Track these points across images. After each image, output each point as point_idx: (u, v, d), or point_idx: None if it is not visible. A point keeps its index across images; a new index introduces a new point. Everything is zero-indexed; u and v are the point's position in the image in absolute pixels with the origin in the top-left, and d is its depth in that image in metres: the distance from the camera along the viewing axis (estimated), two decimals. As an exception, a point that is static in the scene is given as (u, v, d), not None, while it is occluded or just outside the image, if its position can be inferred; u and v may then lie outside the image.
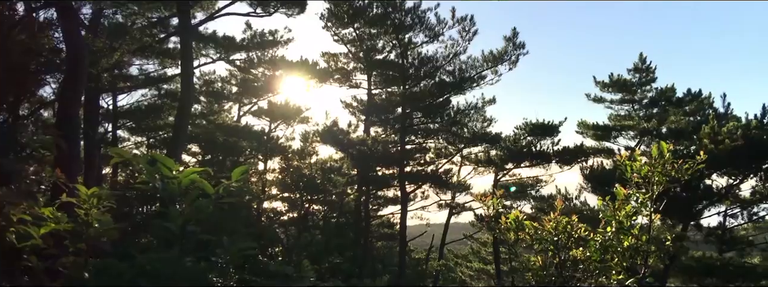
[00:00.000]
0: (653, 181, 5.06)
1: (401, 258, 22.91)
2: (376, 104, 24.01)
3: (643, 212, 5.03)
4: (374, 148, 22.49)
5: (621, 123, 23.19)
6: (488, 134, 24.19)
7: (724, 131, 17.38)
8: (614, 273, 4.95)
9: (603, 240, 4.97)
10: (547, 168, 24.86)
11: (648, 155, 5.26)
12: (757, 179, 18.68)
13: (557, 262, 5.17)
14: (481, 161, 25.47)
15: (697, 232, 20.24)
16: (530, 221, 5.34)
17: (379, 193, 27.95)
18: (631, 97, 22.89)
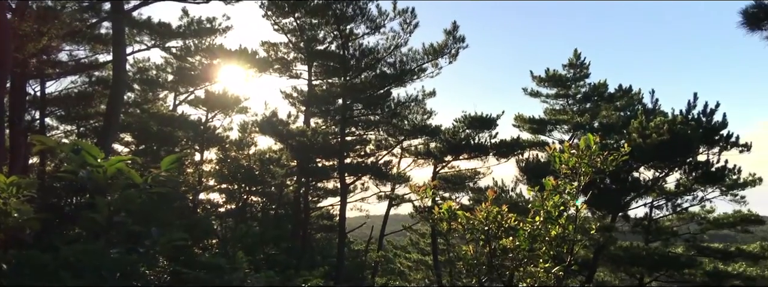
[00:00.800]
0: (580, 172, 5.25)
1: (340, 249, 22.93)
2: (317, 95, 23.86)
3: (571, 202, 5.20)
4: (314, 139, 22.37)
5: (556, 117, 23.83)
6: (428, 126, 24.43)
7: (651, 125, 18.09)
8: (541, 261, 5.12)
9: (531, 229, 5.13)
10: (484, 161, 25.33)
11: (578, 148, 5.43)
12: (681, 172, 19.54)
13: (488, 251, 5.29)
14: (421, 153, 25.72)
15: (624, 223, 21.01)
16: (463, 211, 5.45)
17: (319, 185, 27.89)
18: (565, 92, 23.57)
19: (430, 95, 23.48)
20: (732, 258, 22.08)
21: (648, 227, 21.26)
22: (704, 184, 19.66)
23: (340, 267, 22.52)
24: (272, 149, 25.79)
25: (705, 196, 20.72)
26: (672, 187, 20.30)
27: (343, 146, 23.08)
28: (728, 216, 21.63)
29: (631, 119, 19.59)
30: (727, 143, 18.29)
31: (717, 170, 18.45)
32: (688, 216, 22.36)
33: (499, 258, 5.26)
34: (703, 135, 17.90)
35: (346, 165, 23.70)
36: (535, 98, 24.39)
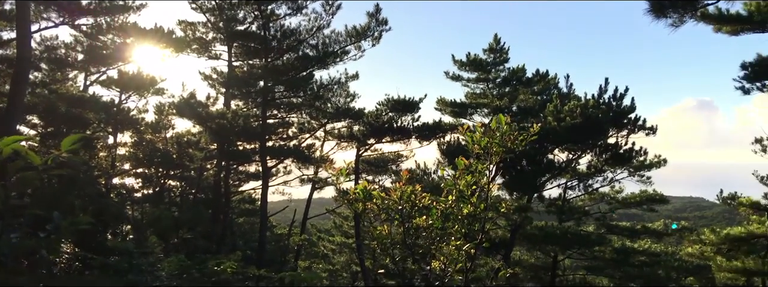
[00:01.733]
0: (492, 151, 5.33)
1: (262, 233, 22.65)
2: (237, 77, 23.28)
3: (482, 181, 5.28)
4: (235, 122, 21.89)
5: (476, 101, 24.26)
6: (351, 109, 24.36)
7: (565, 109, 18.74)
8: (454, 239, 5.19)
9: (444, 208, 5.18)
10: (407, 143, 25.53)
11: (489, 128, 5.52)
12: (592, 154, 20.38)
13: (402, 230, 5.32)
14: (344, 136, 25.66)
15: (540, 203, 21.76)
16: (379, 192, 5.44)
17: (240, 168, 27.41)
18: (485, 76, 23.99)
19: (353, 77, 23.40)
20: (638, 235, 23.32)
21: (562, 207, 22.08)
22: (614, 165, 20.58)
23: (262, 250, 22.28)
24: (191, 132, 25.09)
25: (614, 177, 21.70)
26: (584, 168, 21.13)
27: (264, 129, 22.70)
28: (635, 196, 22.73)
29: (547, 102, 20.20)
30: (634, 126, 19.17)
31: (625, 152, 19.33)
32: (598, 196, 23.35)
33: (412, 237, 5.30)
34: (613, 118, 18.70)
35: (267, 148, 23.36)
36: (456, 81, 24.74)
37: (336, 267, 32.53)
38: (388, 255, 5.41)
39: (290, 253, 28.76)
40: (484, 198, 5.29)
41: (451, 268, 5.36)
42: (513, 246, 21.22)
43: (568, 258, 25.14)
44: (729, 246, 19.62)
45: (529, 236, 20.88)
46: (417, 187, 5.25)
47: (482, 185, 5.32)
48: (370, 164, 26.67)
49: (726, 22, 12.37)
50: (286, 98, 23.96)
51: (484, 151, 5.41)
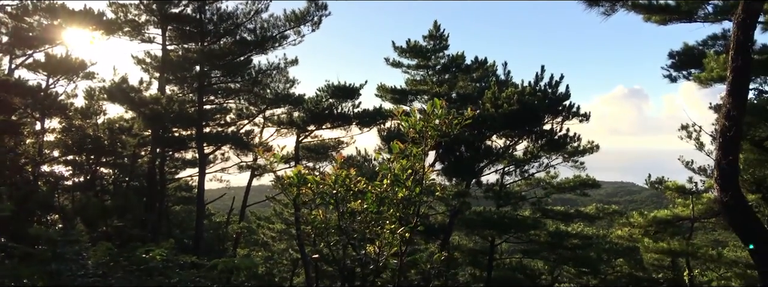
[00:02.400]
0: (427, 135, 5.34)
1: (199, 221, 22.22)
2: (172, 61, 22.60)
3: (417, 165, 5.29)
4: (169, 107, 21.27)
5: (416, 87, 24.36)
6: (291, 95, 24.03)
7: (503, 96, 19.06)
8: (388, 223, 5.19)
9: (379, 192, 5.17)
10: (348, 130, 25.41)
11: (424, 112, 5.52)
12: (529, 141, 20.85)
13: (337, 215, 5.28)
14: (284, 123, 25.34)
15: (478, 189, 22.13)
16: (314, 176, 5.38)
17: (176, 155, 26.74)
18: (425, 63, 24.11)
19: (292, 63, 23.09)
20: (572, 219, 24.06)
21: (499, 192, 22.54)
22: (549, 151, 21.11)
23: (199, 239, 21.87)
24: (123, 117, 24.26)
25: (550, 162, 22.27)
26: (521, 154, 21.60)
27: (201, 115, 22.19)
28: (569, 181, 23.41)
29: (485, 89, 20.49)
30: (569, 113, 19.68)
31: (560, 138, 19.84)
32: (534, 181, 23.94)
33: (347, 221, 5.27)
34: (549, 105, 19.15)
35: (204, 135, 22.85)
36: (396, 68, 24.79)
37: (276, 255, 32.28)
38: (322, 240, 5.36)
39: (229, 241, 28.33)
40: (419, 182, 5.30)
41: (386, 252, 5.37)
42: (452, 231, 21.52)
43: (505, 242, 25.70)
44: (656, 229, 20.44)
45: (468, 221, 21.23)
46: (351, 171, 5.21)
47: (417, 169, 5.32)
48: (310, 151, 26.47)
49: (655, 11, 12.77)
50: (224, 83, 23.46)
51: (419, 135, 5.42)
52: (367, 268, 5.14)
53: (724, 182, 10.01)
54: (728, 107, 9.78)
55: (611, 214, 24.25)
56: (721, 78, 11.49)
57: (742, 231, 10.28)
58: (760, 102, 15.12)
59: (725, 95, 10.03)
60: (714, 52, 14.13)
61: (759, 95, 15.28)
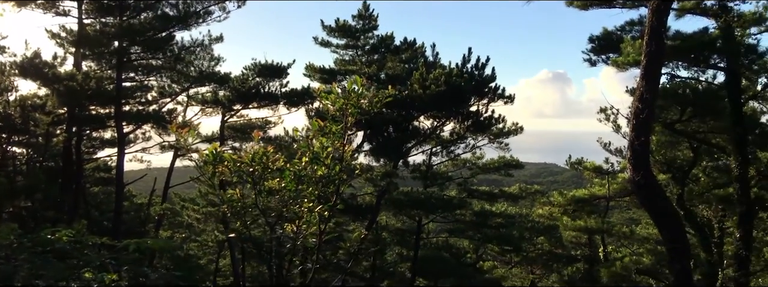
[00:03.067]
0: (347, 113, 5.27)
1: (118, 202, 21.42)
2: (89, 36, 21.44)
3: (337, 143, 5.22)
4: (86, 84, 20.24)
5: (345, 67, 24.15)
6: (216, 73, 23.37)
7: (431, 77, 19.17)
8: (306, 201, 5.12)
9: (297, 170, 5.07)
10: (275, 110, 25.06)
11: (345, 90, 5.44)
12: (456, 122, 21.12)
13: (254, 193, 5.16)
14: (208, 102, 24.69)
15: (405, 169, 22.31)
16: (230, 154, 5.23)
17: (94, 134, 25.62)
18: (354, 42, 23.90)
19: (217, 40, 22.39)
20: (496, 198, 24.67)
21: (426, 173, 22.81)
22: (475, 132, 21.46)
23: (118, 221, 21.13)
24: (37, 94, 22.96)
25: (476, 144, 22.67)
26: (448, 135, 21.88)
27: (119, 93, 21.24)
28: (494, 162, 23.95)
29: (414, 71, 20.55)
30: (494, 95, 20.02)
31: (485, 119, 20.19)
32: (461, 162, 24.36)
33: (264, 200, 5.16)
34: (475, 87, 19.41)
35: (124, 113, 21.94)
36: (325, 47, 24.44)
37: (202, 237, 31.70)
38: (239, 218, 5.24)
39: (151, 223, 27.51)
40: (339, 160, 5.24)
41: (305, 231, 5.30)
42: (379, 212, 21.66)
43: (431, 222, 26.13)
44: (574, 207, 21.28)
45: (395, 201, 21.40)
46: (269, 149, 5.09)
47: (337, 148, 5.26)
48: (236, 131, 25.91)
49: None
50: (144, 59, 22.51)
51: (340, 113, 5.35)
52: (284, 247, 5.06)
53: (636, 163, 10.44)
54: (642, 90, 10.17)
55: (533, 194, 25.05)
56: (637, 62, 11.92)
57: (652, 209, 10.79)
58: (673, 86, 15.85)
59: (639, 78, 10.41)
60: (631, 37, 14.66)
61: (671, 80, 16.00)
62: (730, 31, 14.19)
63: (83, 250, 5.61)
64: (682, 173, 18.52)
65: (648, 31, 9.95)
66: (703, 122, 17.19)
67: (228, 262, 30.64)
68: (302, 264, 5.35)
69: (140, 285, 6.15)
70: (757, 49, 14.50)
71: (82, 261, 5.24)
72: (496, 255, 30.22)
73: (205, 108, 25.49)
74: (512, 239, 23.59)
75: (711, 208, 19.51)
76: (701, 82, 16.20)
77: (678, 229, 10.71)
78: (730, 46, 14.02)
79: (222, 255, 29.58)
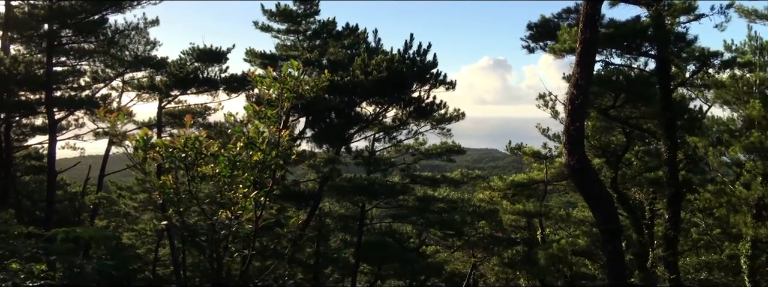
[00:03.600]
0: (283, 98, 5.21)
1: (50, 191, 20.63)
2: (17, 18, 20.43)
3: (273, 127, 5.15)
4: (14, 68, 19.33)
5: (287, 53, 23.81)
6: (152, 58, 22.70)
7: (373, 63, 19.13)
8: (241, 187, 5.04)
9: (232, 155, 4.99)
10: (215, 96, 24.53)
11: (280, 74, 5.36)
12: (398, 108, 21.19)
13: (187, 179, 5.05)
14: (145, 87, 23.97)
15: (348, 155, 22.30)
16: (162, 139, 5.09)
17: (24, 121, 24.53)
18: (296, 27, 23.57)
19: (153, 23, 21.71)
20: (438, 184, 24.96)
21: (369, 159, 22.85)
22: (417, 118, 21.60)
23: (50, 210, 20.38)
24: (-41, 79, 21.79)
25: (418, 129, 22.83)
26: (390, 121, 21.95)
27: (50, 78, 20.38)
28: (436, 148, 24.19)
29: (356, 56, 20.47)
30: (436, 81, 20.16)
31: (427, 105, 20.33)
32: (403, 148, 24.50)
33: (198, 186, 5.06)
34: (417, 73, 19.49)
35: (55, 99, 21.08)
36: (266, 32, 24.01)
37: (139, 225, 30.92)
38: (172, 205, 5.12)
39: (86, 212, 26.65)
40: (275, 145, 5.17)
41: (242, 217, 5.23)
42: (321, 198, 21.59)
43: (375, 208, 26.25)
44: (513, 192, 21.76)
45: (339, 187, 21.37)
46: (202, 133, 4.98)
47: (273, 132, 5.19)
48: (174, 117, 25.28)
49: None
50: (76, 43, 21.64)
51: (275, 97, 5.29)
52: (218, 234, 4.98)
53: (571, 147, 10.72)
54: (577, 76, 10.42)
55: (475, 179, 25.46)
56: (573, 49, 12.19)
57: (586, 192, 11.12)
58: (607, 73, 16.32)
59: (574, 65, 10.65)
60: (567, 25, 15.00)
61: (606, 67, 16.46)
62: (661, 20, 14.68)
63: (9, 240, 5.40)
64: (615, 157, 19.17)
65: (583, 19, 10.18)
66: (636, 107, 17.81)
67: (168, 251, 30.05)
68: (238, 252, 5.27)
69: (73, 276, 5.97)
70: (685, 37, 15.05)
71: (8, 252, 5.05)
72: (438, 239, 30.63)
73: (142, 94, 24.75)
74: (454, 223, 23.94)
75: (643, 191, 20.26)
76: (634, 69, 16.74)
77: (610, 211, 11.08)
78: (660, 34, 14.50)
79: (161, 244, 28.92)
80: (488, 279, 32.85)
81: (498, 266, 27.32)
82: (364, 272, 30.14)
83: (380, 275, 27.89)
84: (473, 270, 29.45)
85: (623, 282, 11.48)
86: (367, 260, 25.17)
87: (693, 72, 16.68)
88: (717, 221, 20.61)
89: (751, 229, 16.63)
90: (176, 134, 5.10)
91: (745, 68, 16.57)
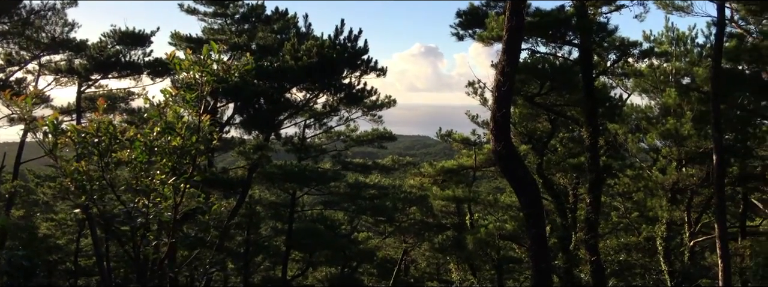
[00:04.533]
0: (203, 81, 5.05)
1: (-41, 181, 19.49)
2: None
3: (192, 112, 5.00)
4: None
5: (215, 36, 23.18)
6: (71, 40, 21.57)
7: (303, 48, 18.88)
8: (159, 173, 4.87)
9: (149, 140, 4.81)
10: (138, 80, 23.62)
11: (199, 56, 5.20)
12: (329, 94, 21.03)
13: (102, 165, 4.84)
14: (63, 71, 22.82)
15: (278, 142, 22.02)
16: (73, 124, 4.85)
17: (-72, 106, 22.99)
18: (223, 11, 22.94)
19: (70, 3, 20.66)
20: (370, 170, 25.05)
21: (299, 145, 22.65)
22: (348, 105, 21.51)
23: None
24: None
25: (349, 116, 22.76)
26: (321, 107, 21.78)
27: (-43, 59, 19.18)
28: (368, 134, 24.23)
29: (286, 41, 20.14)
30: (367, 68, 20.08)
31: (358, 91, 20.25)
32: (335, 135, 24.41)
33: (113, 173, 4.85)
34: (348, 59, 19.36)
35: (-37, 82, 19.85)
36: (192, 15, 23.26)
37: (59, 215, 29.67)
38: (84, 193, 4.90)
39: (0, 202, 25.29)
40: (195, 130, 5.02)
41: (161, 204, 5.06)
42: (250, 185, 21.27)
43: (306, 195, 26.11)
44: (443, 177, 22.07)
45: (268, 174, 21.10)
46: (117, 118, 4.78)
47: (193, 116, 5.03)
48: (95, 102, 24.24)
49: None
50: (-13, 23, 20.39)
51: (195, 80, 5.12)
52: (134, 222, 4.79)
53: (498, 133, 10.90)
54: (503, 64, 10.57)
55: (406, 165, 25.69)
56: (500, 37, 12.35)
57: (511, 178, 11.35)
58: (533, 61, 16.70)
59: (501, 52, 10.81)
60: (495, 13, 15.20)
61: (532, 55, 16.82)
62: (584, 10, 15.09)
63: None
64: (541, 143, 19.70)
65: (509, 7, 10.32)
66: (560, 95, 18.32)
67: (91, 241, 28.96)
68: (158, 240, 5.11)
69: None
70: (607, 27, 15.53)
71: None
72: (370, 225, 30.84)
73: (60, 78, 23.54)
74: (386, 209, 24.09)
75: (567, 176, 20.94)
76: (558, 57, 17.17)
77: (534, 196, 11.36)
78: (583, 23, 14.91)
79: (83, 234, 27.83)
80: (419, 264, 33.35)
81: (429, 251, 27.74)
82: (296, 259, 30.03)
83: (312, 262, 27.85)
84: (404, 255, 29.78)
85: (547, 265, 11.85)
86: (299, 247, 25.05)
87: (613, 61, 17.26)
88: (635, 204, 21.60)
89: (666, 212, 17.53)
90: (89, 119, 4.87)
91: (662, 58, 17.30)
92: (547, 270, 11.81)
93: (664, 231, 17.89)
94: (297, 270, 29.35)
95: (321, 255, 27.01)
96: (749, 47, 15.29)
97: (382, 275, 30.90)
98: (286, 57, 18.92)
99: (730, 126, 16.97)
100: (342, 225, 28.62)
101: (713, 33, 14.76)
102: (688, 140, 16.16)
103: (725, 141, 16.31)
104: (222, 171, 20.92)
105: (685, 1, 14.33)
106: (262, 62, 19.31)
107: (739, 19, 16.43)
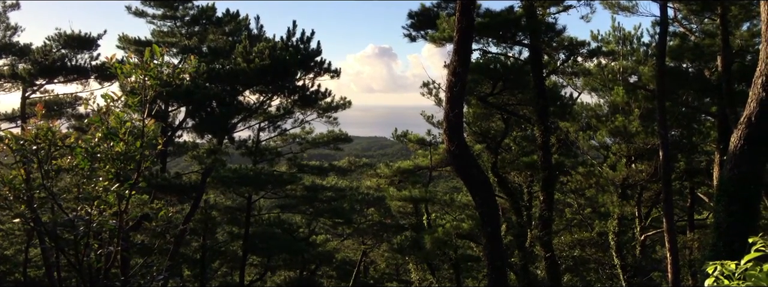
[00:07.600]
0: (146, 85, 4.93)
1: None
2: None
3: (135, 116, 4.88)
4: None
5: (164, 39, 22.75)
6: (14, 44, 20.90)
7: (255, 50, 18.68)
8: (102, 180, 4.74)
9: (90, 146, 4.67)
10: (85, 84, 22.97)
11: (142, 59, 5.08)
12: (283, 96, 20.86)
13: (42, 172, 4.68)
14: (5, 76, 22.02)
15: (232, 146, 21.72)
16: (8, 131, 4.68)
17: None
18: (173, 13, 22.49)
19: (13, 7, 20.05)
20: (326, 172, 24.93)
21: (254, 148, 22.39)
22: (303, 107, 21.38)
23: None
24: None
25: (304, 118, 22.60)
26: (275, 110, 21.58)
27: None
28: (323, 136, 24.10)
29: (237, 44, 19.90)
30: (321, 69, 20.00)
31: (312, 93, 20.15)
32: (290, 137, 24.19)
33: (53, 181, 4.70)
34: (301, 61, 19.24)
35: None
36: (140, 17, 22.76)
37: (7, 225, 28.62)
38: (23, 202, 4.73)
39: (-59, 213, 24.31)
40: (139, 135, 4.90)
41: (106, 212, 4.92)
42: (204, 190, 20.93)
43: (262, 198, 25.83)
44: (400, 178, 22.13)
45: (223, 179, 20.79)
46: (55, 123, 4.63)
47: (136, 121, 4.91)
48: (41, 108, 23.49)
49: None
50: None
51: (138, 84, 5.00)
52: (77, 230, 4.65)
53: (451, 134, 11.02)
54: (455, 64, 10.68)
55: (362, 167, 25.66)
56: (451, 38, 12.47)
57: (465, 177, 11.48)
58: (485, 61, 16.90)
59: (452, 53, 10.91)
60: (446, 14, 15.33)
61: (483, 55, 17.02)
62: (533, 10, 15.36)
63: None
64: (495, 142, 19.93)
65: (459, 8, 10.43)
66: (512, 95, 18.58)
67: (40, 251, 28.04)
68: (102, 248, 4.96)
69: None
70: (555, 27, 15.85)
71: None
72: (328, 228, 30.67)
73: (3, 83, 22.72)
74: (343, 211, 24.02)
75: (521, 174, 21.25)
76: (510, 57, 17.43)
77: (488, 195, 11.52)
78: (532, 24, 15.17)
79: (32, 243, 26.94)
80: (379, 265, 33.38)
81: (388, 252, 27.77)
82: (254, 264, 29.67)
83: (270, 266, 27.56)
84: (363, 257, 29.77)
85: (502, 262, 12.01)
86: (256, 252, 24.78)
87: (563, 60, 17.61)
88: (588, 201, 22.09)
89: (617, 207, 17.97)
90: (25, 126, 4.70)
91: (610, 57, 17.73)
92: (503, 267, 11.99)
93: (615, 226, 18.33)
94: (255, 275, 29.00)
95: (279, 259, 26.75)
96: (692, 46, 15.80)
97: (342, 277, 30.81)
98: (238, 59, 18.69)
99: (676, 123, 17.51)
100: (300, 228, 28.40)
101: (658, 32, 15.23)
102: (636, 137, 16.60)
103: (671, 137, 16.83)
104: (175, 176, 20.50)
105: (631, 1, 14.73)
106: (213, 65, 19.05)
107: (683, 19, 17.00)
